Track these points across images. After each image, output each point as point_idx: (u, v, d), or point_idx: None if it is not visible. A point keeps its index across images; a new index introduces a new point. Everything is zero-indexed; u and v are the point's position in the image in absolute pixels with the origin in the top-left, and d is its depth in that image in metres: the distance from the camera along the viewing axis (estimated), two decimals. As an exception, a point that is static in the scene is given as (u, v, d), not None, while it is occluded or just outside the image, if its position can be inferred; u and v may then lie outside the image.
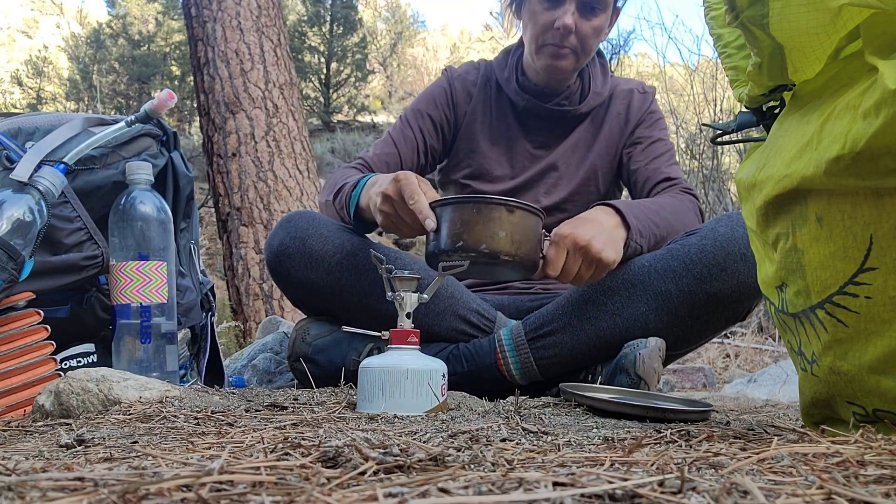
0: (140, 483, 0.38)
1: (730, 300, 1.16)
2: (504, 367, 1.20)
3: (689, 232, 1.22)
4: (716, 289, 1.14)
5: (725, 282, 1.14)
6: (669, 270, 1.17)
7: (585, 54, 1.42)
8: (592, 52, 1.44)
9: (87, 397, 0.86)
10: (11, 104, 11.58)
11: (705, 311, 1.16)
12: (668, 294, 1.16)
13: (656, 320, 1.17)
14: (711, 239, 1.16)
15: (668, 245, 1.23)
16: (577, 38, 1.38)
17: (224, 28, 3.69)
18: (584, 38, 1.38)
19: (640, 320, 1.18)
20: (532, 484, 0.40)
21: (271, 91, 3.69)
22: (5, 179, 1.08)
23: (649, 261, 1.20)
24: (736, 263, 1.14)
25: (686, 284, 1.15)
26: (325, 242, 1.25)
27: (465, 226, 1.03)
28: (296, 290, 1.28)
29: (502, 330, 1.23)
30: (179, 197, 1.32)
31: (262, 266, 3.49)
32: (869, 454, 0.50)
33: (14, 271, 1.00)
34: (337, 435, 0.62)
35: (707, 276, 1.14)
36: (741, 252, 1.14)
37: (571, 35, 1.37)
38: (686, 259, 1.16)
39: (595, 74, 1.51)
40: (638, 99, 1.52)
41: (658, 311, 1.17)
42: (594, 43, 1.42)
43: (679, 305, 1.16)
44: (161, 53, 10.88)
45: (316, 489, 0.38)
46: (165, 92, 1.16)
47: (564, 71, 1.42)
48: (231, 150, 3.60)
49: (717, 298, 1.15)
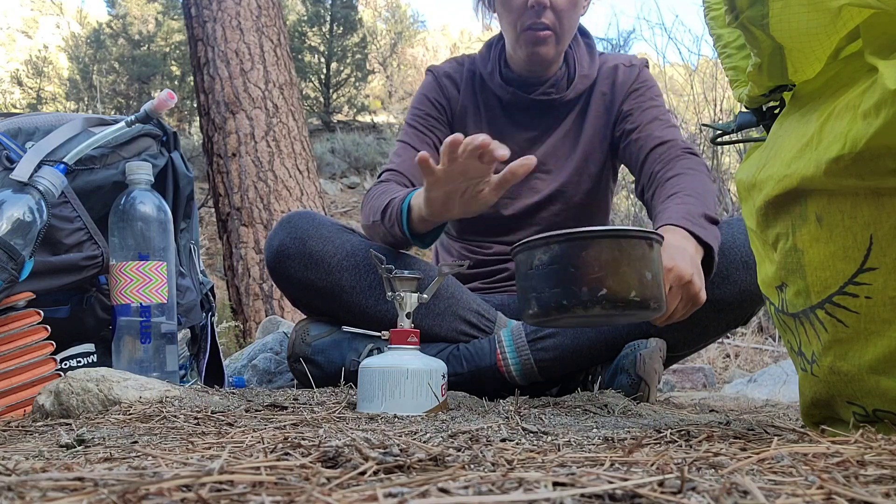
0: (140, 483, 0.38)
1: (732, 307, 1.16)
2: (504, 368, 1.20)
3: None
4: (718, 296, 1.14)
5: (728, 289, 1.14)
6: None
7: (565, 32, 1.35)
8: (572, 28, 1.38)
9: (87, 397, 0.86)
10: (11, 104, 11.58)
11: (707, 317, 1.16)
12: None
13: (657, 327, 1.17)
14: None
15: None
16: (553, 14, 1.31)
17: (224, 28, 3.69)
18: (561, 12, 1.31)
19: (640, 327, 1.17)
20: (532, 484, 0.40)
21: (271, 91, 3.68)
22: (5, 179, 1.08)
23: None
24: (738, 271, 1.14)
25: None
26: (326, 243, 1.24)
27: (605, 268, 0.82)
28: (296, 290, 1.27)
29: (503, 331, 1.23)
30: (179, 197, 1.32)
31: (261, 266, 3.49)
32: (869, 454, 0.50)
33: (14, 271, 1.00)
34: (337, 435, 0.62)
35: (709, 284, 1.14)
36: (743, 260, 1.13)
37: (547, 10, 1.30)
38: None
39: (580, 56, 1.45)
40: (623, 73, 1.44)
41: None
42: (572, 16, 1.35)
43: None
44: (161, 53, 10.87)
45: (316, 489, 0.38)
46: (165, 92, 1.16)
47: (547, 57, 1.36)
48: (231, 150, 3.60)
49: (719, 305, 1.15)
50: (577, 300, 0.82)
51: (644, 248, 0.85)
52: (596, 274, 0.82)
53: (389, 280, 1.00)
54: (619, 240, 0.84)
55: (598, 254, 0.83)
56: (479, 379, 1.20)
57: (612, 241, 0.84)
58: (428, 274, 1.21)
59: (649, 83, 1.45)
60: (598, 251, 0.83)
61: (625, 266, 0.83)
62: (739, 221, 1.18)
